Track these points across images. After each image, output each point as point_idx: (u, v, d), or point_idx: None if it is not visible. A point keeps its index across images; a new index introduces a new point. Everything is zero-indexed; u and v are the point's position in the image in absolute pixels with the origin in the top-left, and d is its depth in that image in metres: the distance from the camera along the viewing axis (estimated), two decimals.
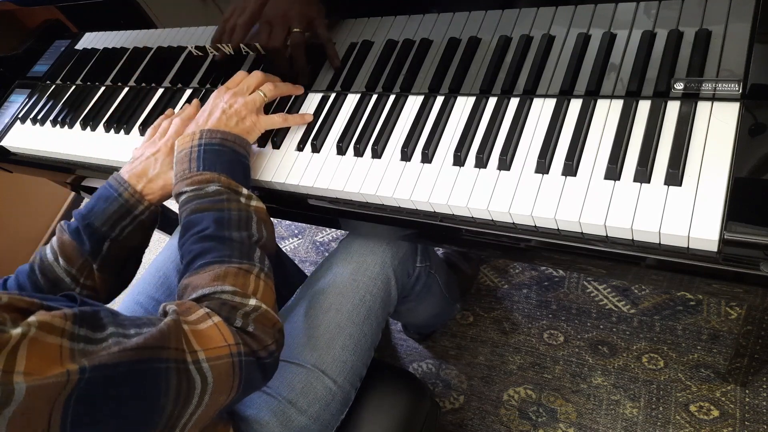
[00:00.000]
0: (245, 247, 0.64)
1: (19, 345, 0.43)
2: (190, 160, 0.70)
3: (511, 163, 0.66)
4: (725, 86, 0.58)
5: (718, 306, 1.17)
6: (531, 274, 1.36)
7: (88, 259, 0.72)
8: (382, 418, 0.81)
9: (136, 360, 0.48)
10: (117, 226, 0.73)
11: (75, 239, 0.72)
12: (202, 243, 0.63)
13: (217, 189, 0.67)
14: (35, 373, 0.42)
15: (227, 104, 0.77)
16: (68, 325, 0.47)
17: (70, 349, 0.45)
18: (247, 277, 0.62)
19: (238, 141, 0.74)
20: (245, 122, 0.76)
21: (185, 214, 0.67)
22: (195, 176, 0.68)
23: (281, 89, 0.83)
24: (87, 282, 0.73)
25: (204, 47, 0.91)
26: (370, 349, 0.83)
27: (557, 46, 0.68)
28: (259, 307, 0.60)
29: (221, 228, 0.64)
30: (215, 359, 0.54)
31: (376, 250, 0.85)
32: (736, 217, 0.52)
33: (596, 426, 1.14)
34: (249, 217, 0.67)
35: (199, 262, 0.62)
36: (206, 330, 0.55)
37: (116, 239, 0.73)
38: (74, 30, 1.04)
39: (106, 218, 0.72)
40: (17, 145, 1.09)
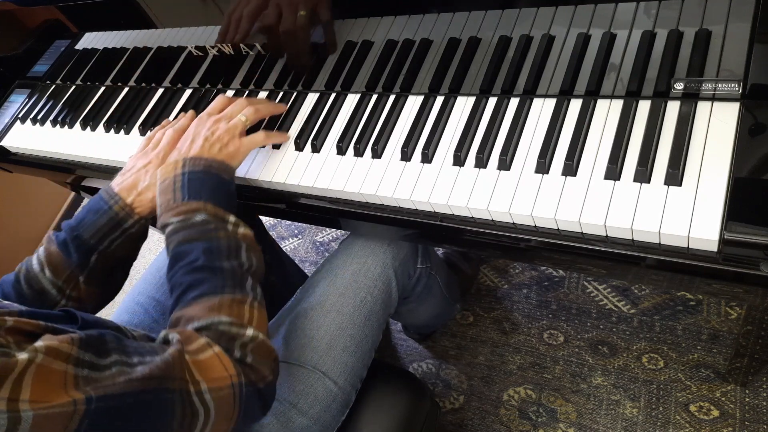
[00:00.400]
0: (237, 276, 0.64)
1: (26, 372, 0.43)
2: (174, 190, 0.69)
3: (511, 163, 0.66)
4: (725, 86, 0.58)
5: (718, 306, 1.17)
6: (531, 274, 1.36)
7: (75, 271, 0.71)
8: (383, 418, 0.81)
9: (141, 390, 0.48)
10: (106, 239, 0.72)
11: (62, 251, 0.71)
12: (193, 275, 0.62)
13: (204, 218, 0.66)
14: (41, 401, 0.42)
15: (209, 131, 0.75)
16: (74, 350, 0.47)
17: (75, 376, 0.45)
18: (241, 307, 0.62)
19: (223, 167, 0.72)
20: (228, 148, 0.74)
21: (173, 245, 0.66)
22: (180, 206, 0.67)
23: (263, 111, 0.81)
24: (72, 293, 0.72)
25: (204, 47, 0.91)
26: (370, 350, 0.83)
27: (557, 46, 0.68)
28: (257, 337, 0.60)
29: (212, 258, 0.63)
30: (217, 390, 0.54)
31: (377, 252, 0.85)
32: (736, 217, 0.52)
33: (596, 426, 1.14)
34: (238, 246, 0.66)
35: (191, 294, 0.62)
36: (207, 360, 0.55)
37: (104, 251, 0.72)
38: (74, 30, 1.04)
39: (95, 230, 0.72)
40: (17, 145, 1.09)
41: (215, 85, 0.94)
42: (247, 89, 0.91)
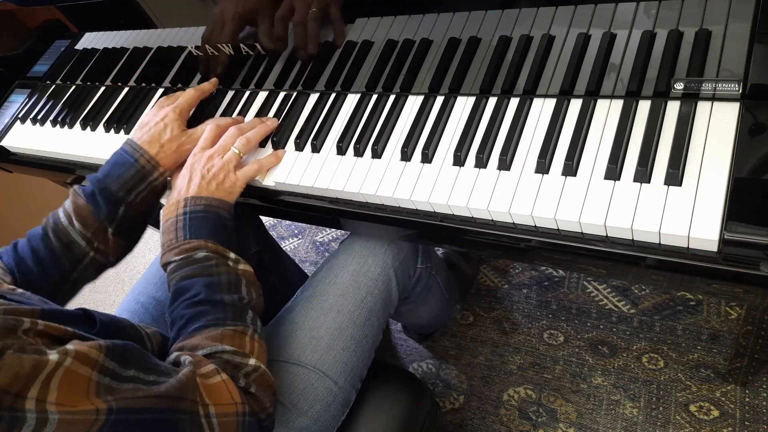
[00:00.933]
0: (237, 309, 0.65)
1: (54, 374, 0.43)
2: (176, 230, 0.70)
3: (511, 163, 0.66)
4: (725, 86, 0.58)
5: (718, 306, 1.17)
6: (531, 274, 1.36)
7: (104, 222, 0.74)
8: (383, 418, 0.81)
9: (159, 408, 0.49)
10: (133, 192, 0.75)
11: (91, 203, 0.74)
12: (194, 308, 0.64)
13: (205, 255, 0.68)
14: (66, 405, 0.43)
15: (205, 169, 0.76)
16: (101, 357, 0.48)
17: (97, 383, 0.46)
18: (242, 338, 0.63)
19: (222, 205, 0.74)
20: (225, 184, 0.75)
21: (174, 281, 0.67)
22: (182, 245, 0.69)
23: (254, 138, 0.80)
24: (100, 246, 0.75)
25: (204, 47, 0.91)
26: (370, 350, 0.83)
27: (557, 46, 0.68)
28: (259, 367, 0.61)
29: (212, 292, 0.65)
30: (224, 416, 0.54)
31: (377, 252, 0.85)
32: (736, 217, 0.52)
33: (596, 426, 1.14)
34: (238, 280, 0.68)
35: (193, 325, 0.63)
36: (216, 385, 0.56)
37: (131, 204, 0.75)
38: (74, 30, 1.04)
39: (123, 183, 0.75)
40: (17, 145, 1.09)
41: None
42: (247, 89, 0.91)
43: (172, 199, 0.75)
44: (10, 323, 0.46)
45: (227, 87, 0.93)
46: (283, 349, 0.78)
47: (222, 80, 0.94)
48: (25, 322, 0.46)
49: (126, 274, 1.89)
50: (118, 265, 0.83)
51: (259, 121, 0.83)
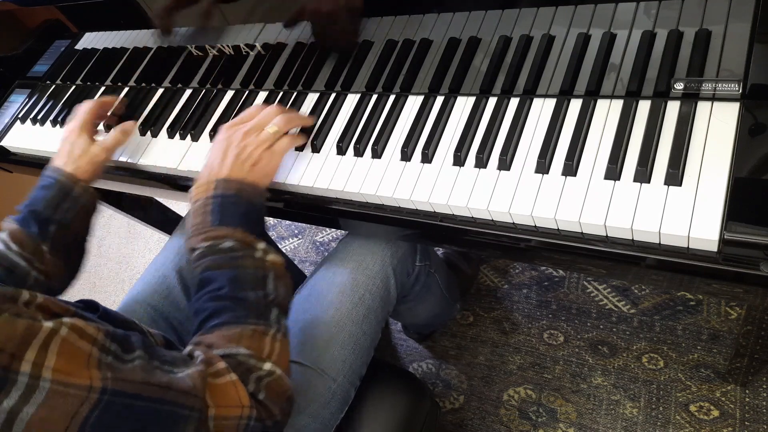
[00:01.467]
0: (261, 307, 0.63)
1: (51, 340, 0.43)
2: (205, 213, 0.68)
3: (511, 163, 0.66)
4: (725, 86, 0.58)
5: (718, 306, 1.17)
6: (531, 274, 1.36)
7: (38, 242, 0.75)
8: (382, 418, 0.81)
9: (157, 398, 0.48)
10: (59, 209, 0.77)
11: (23, 226, 0.76)
12: (216, 302, 0.62)
13: (231, 245, 0.65)
14: (63, 372, 0.43)
15: (240, 147, 0.73)
16: (100, 336, 0.47)
17: (99, 359, 0.46)
18: (262, 339, 0.61)
19: (255, 190, 0.71)
20: (260, 164, 0.73)
21: (200, 270, 0.66)
22: (210, 231, 0.66)
23: (293, 122, 0.78)
24: (41, 266, 0.75)
25: (204, 47, 0.91)
26: (369, 348, 0.83)
27: (557, 46, 0.68)
28: (273, 372, 0.59)
29: (236, 288, 0.63)
30: (222, 418, 0.52)
31: (375, 250, 0.85)
32: (736, 217, 0.52)
33: (596, 426, 1.14)
34: (265, 275, 0.65)
35: (213, 321, 0.61)
36: (225, 385, 0.54)
37: (60, 222, 0.77)
38: (74, 30, 1.04)
39: (47, 202, 0.77)
40: (17, 145, 1.09)
41: (215, 85, 0.94)
42: (247, 89, 0.91)
43: (203, 176, 0.73)
44: (10, 293, 0.46)
45: (227, 87, 0.93)
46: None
47: (222, 80, 0.94)
48: (24, 293, 0.47)
49: (126, 274, 1.89)
50: (117, 265, 0.83)
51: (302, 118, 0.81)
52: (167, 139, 0.92)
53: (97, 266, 1.96)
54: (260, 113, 0.77)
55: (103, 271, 1.95)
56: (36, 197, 0.78)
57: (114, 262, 1.95)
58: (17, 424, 0.40)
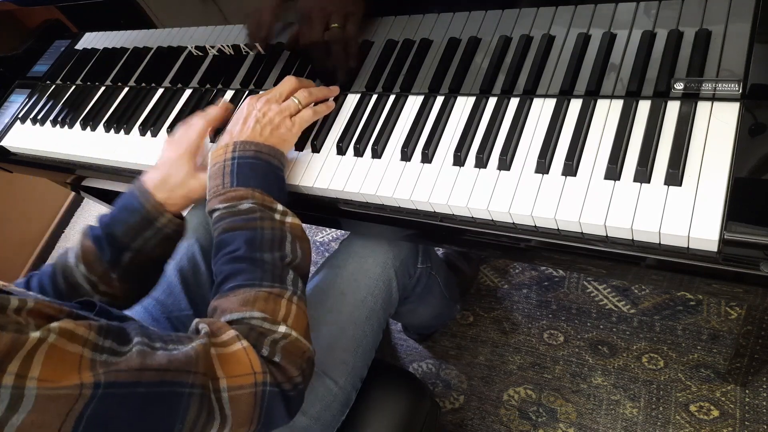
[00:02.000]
0: (277, 269, 0.62)
1: (36, 350, 0.42)
2: (223, 175, 0.68)
3: (511, 163, 0.66)
4: (725, 86, 0.58)
5: (718, 306, 1.17)
6: (531, 274, 1.36)
7: (108, 268, 0.70)
8: (383, 418, 0.81)
9: (157, 381, 0.47)
10: (138, 237, 0.71)
11: (96, 246, 0.70)
12: (232, 264, 0.61)
13: (250, 206, 0.64)
14: (49, 381, 0.41)
15: (261, 113, 0.73)
16: (92, 335, 0.46)
17: (91, 360, 0.44)
18: (277, 302, 0.59)
19: (273, 152, 0.71)
20: (279, 130, 0.73)
21: (217, 233, 0.65)
22: (228, 192, 0.66)
23: (316, 94, 0.79)
24: (106, 289, 0.72)
25: (204, 47, 0.91)
26: (371, 350, 0.83)
27: (557, 46, 0.68)
28: (289, 335, 0.58)
29: (253, 249, 0.62)
30: (237, 388, 0.51)
31: (377, 252, 0.85)
32: (736, 217, 0.52)
33: (596, 426, 1.14)
34: (283, 237, 0.64)
35: (229, 284, 0.60)
36: (234, 354, 0.53)
37: (138, 250, 0.71)
38: (74, 30, 1.04)
39: (128, 229, 0.71)
40: (17, 145, 1.09)
41: (215, 85, 0.95)
42: (247, 89, 0.91)
43: (222, 141, 0.72)
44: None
45: (227, 87, 0.93)
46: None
47: (222, 80, 0.94)
48: (13, 300, 0.45)
49: None
50: None
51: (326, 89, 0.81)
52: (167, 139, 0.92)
53: None
54: (280, 85, 0.77)
55: None
56: (117, 219, 0.71)
57: None
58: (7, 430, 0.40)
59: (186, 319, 0.87)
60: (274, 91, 0.77)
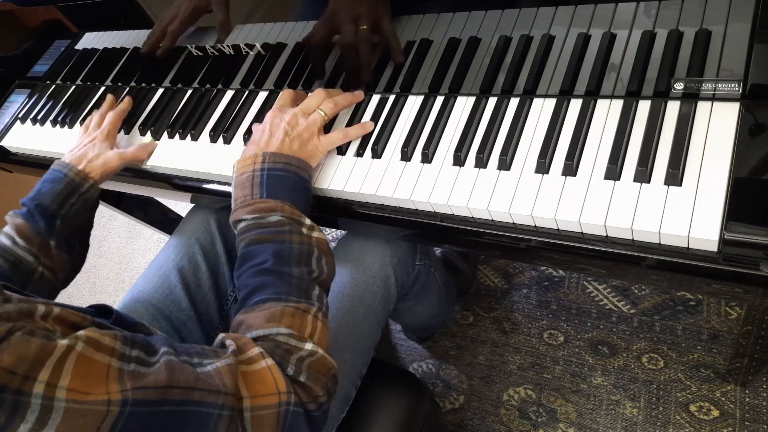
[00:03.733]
0: (304, 284, 0.61)
1: (66, 358, 0.42)
2: (252, 186, 0.67)
3: (511, 163, 0.66)
4: (725, 86, 0.58)
5: (718, 306, 1.17)
6: (531, 274, 1.36)
7: (45, 236, 0.76)
8: (382, 418, 0.81)
9: (184, 400, 0.46)
10: (65, 204, 0.78)
11: (28, 221, 0.76)
12: (259, 277, 0.60)
13: (279, 219, 0.64)
14: (79, 392, 0.41)
15: (289, 125, 0.72)
16: (118, 345, 0.46)
17: (119, 370, 0.44)
18: (304, 318, 0.58)
19: (302, 165, 0.70)
20: (308, 146, 0.72)
21: (244, 244, 0.64)
22: (257, 203, 0.65)
23: (341, 104, 0.78)
24: (47, 262, 0.76)
25: (204, 47, 0.91)
26: (369, 348, 0.83)
27: (557, 46, 0.68)
28: (315, 352, 0.57)
29: (281, 262, 0.61)
30: (261, 408, 0.50)
31: (375, 249, 0.85)
32: (736, 217, 0.52)
33: (596, 426, 1.14)
34: (310, 252, 0.63)
35: (255, 298, 0.59)
36: (259, 372, 0.52)
37: (65, 216, 0.78)
38: (74, 30, 1.04)
39: (55, 197, 0.78)
40: (17, 145, 1.09)
41: (215, 85, 0.94)
42: (247, 89, 0.91)
43: (248, 151, 0.72)
44: (25, 308, 0.44)
45: (227, 87, 0.93)
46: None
47: (222, 80, 0.94)
48: (40, 306, 0.45)
49: (126, 274, 1.89)
50: (117, 265, 0.83)
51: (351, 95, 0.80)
52: (167, 139, 0.92)
53: (97, 266, 1.96)
54: (307, 99, 0.77)
55: (103, 271, 1.95)
56: (43, 191, 0.78)
57: (114, 262, 1.95)
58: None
59: (186, 319, 0.87)
60: (300, 104, 0.76)
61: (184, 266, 0.90)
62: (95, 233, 0.85)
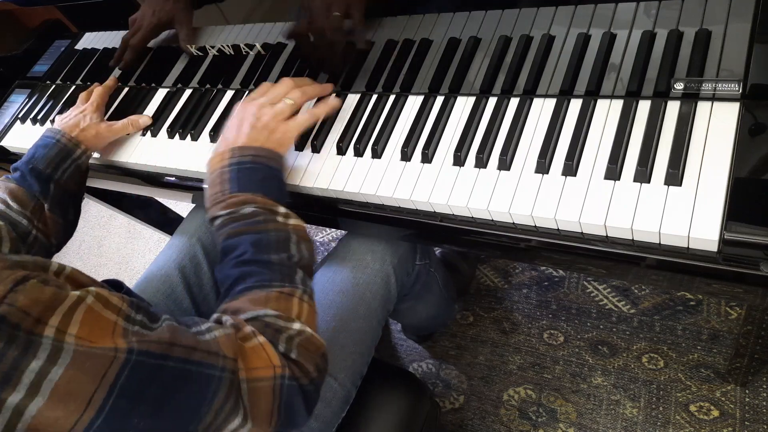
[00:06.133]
0: (286, 269, 0.62)
1: (77, 308, 0.44)
2: (222, 182, 0.68)
3: (511, 163, 0.66)
4: (725, 86, 0.58)
5: (718, 306, 1.17)
6: (531, 274, 1.36)
7: (39, 199, 0.78)
8: (383, 418, 0.81)
9: (186, 359, 0.48)
10: (59, 168, 0.81)
11: (22, 184, 0.78)
12: (241, 268, 0.61)
13: (252, 211, 0.64)
14: (87, 340, 0.43)
15: (255, 117, 0.73)
16: (125, 306, 0.48)
17: (124, 329, 0.46)
18: (290, 301, 0.60)
19: (271, 155, 0.71)
20: (276, 134, 0.73)
21: (222, 239, 0.65)
22: (229, 199, 0.66)
23: (310, 93, 0.79)
24: (40, 225, 0.78)
25: (204, 47, 0.91)
26: (370, 347, 0.83)
27: (557, 46, 0.68)
28: (303, 331, 0.58)
29: (260, 251, 0.62)
30: (256, 380, 0.52)
31: (376, 249, 0.85)
32: (736, 217, 0.52)
33: (596, 426, 1.14)
34: (288, 238, 0.64)
35: (239, 287, 0.60)
36: (252, 348, 0.53)
37: (59, 181, 0.80)
38: (74, 30, 1.04)
39: (48, 161, 0.80)
40: (17, 145, 1.09)
41: (215, 85, 0.94)
42: (247, 89, 0.91)
43: (218, 148, 0.73)
44: (41, 261, 0.48)
45: (227, 87, 0.93)
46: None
47: (222, 80, 0.94)
48: (53, 263, 0.48)
49: (126, 274, 1.89)
50: (117, 265, 0.83)
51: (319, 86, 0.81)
52: (167, 138, 0.92)
53: (97, 266, 1.96)
54: (273, 88, 0.77)
55: (103, 271, 1.95)
56: (36, 156, 0.80)
57: (114, 262, 1.95)
58: (46, 383, 0.41)
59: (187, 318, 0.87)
60: (267, 94, 0.77)
61: (186, 265, 0.90)
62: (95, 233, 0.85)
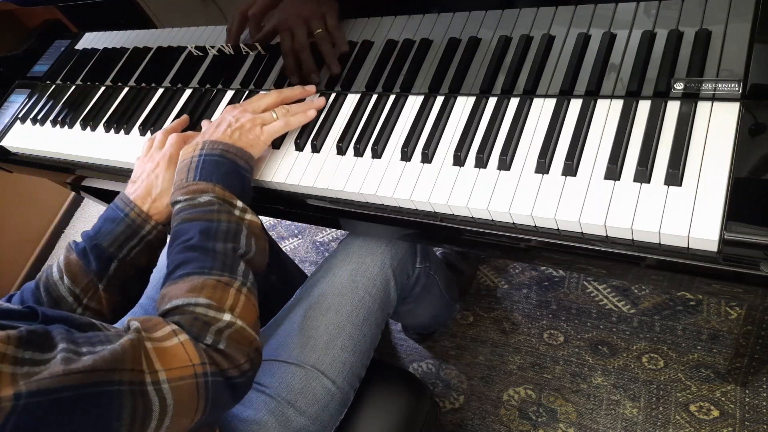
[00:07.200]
0: (228, 259, 0.63)
1: None
2: (188, 170, 0.70)
3: (511, 163, 0.66)
4: (725, 86, 0.58)
5: (718, 306, 1.17)
6: (531, 274, 1.36)
7: (94, 279, 0.71)
8: (382, 418, 0.81)
9: (84, 384, 0.45)
10: (125, 247, 0.72)
11: (81, 259, 0.71)
12: (185, 253, 0.63)
13: (209, 199, 0.67)
14: None
15: (234, 118, 0.76)
16: (10, 348, 0.44)
17: (12, 374, 0.42)
18: (225, 291, 0.61)
19: (240, 153, 0.73)
20: (248, 135, 0.75)
21: (175, 223, 0.67)
22: (190, 186, 0.68)
23: (294, 110, 0.81)
24: (91, 303, 0.72)
25: (204, 47, 0.91)
26: (369, 350, 0.83)
27: (557, 46, 0.68)
28: (234, 323, 0.59)
29: (206, 238, 0.63)
30: (177, 380, 0.52)
31: (376, 251, 0.85)
32: (736, 217, 0.52)
33: (596, 426, 1.14)
34: (238, 230, 0.66)
35: (179, 272, 0.62)
36: (171, 348, 0.53)
37: (123, 259, 0.72)
38: (74, 30, 1.04)
39: (114, 239, 0.72)
40: (17, 145, 1.09)
41: (215, 85, 0.95)
42: (247, 89, 0.91)
43: (194, 141, 0.75)
44: None
45: (227, 87, 0.93)
46: (281, 349, 0.78)
47: (222, 80, 0.94)
48: None
49: None
50: None
51: (301, 88, 0.83)
52: None
53: None
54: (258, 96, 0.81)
55: None
56: (102, 230, 0.73)
57: None
58: None
59: None
60: (253, 102, 0.80)
61: None
62: None
